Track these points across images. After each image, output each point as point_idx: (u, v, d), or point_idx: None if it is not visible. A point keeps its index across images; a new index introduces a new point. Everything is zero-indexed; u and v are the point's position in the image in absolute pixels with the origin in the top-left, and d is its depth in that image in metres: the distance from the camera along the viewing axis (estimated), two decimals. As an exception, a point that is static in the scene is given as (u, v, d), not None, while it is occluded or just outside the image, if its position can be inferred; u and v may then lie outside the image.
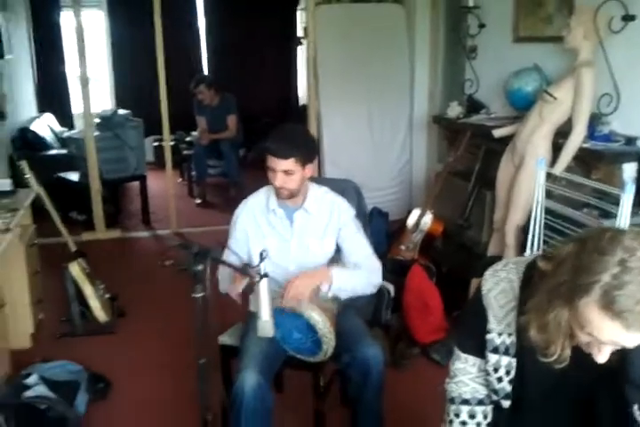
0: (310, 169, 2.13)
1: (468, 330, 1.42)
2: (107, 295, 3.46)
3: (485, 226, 3.80)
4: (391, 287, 3.27)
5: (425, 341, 3.08)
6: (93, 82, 7.04)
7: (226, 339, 2.32)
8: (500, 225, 3.36)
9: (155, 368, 2.96)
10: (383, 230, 4.22)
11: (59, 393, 2.46)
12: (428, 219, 3.81)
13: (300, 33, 7.26)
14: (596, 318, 1.05)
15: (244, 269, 1.78)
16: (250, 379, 1.90)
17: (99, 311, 3.33)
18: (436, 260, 3.70)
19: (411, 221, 3.88)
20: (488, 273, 1.35)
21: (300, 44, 7.14)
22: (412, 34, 4.78)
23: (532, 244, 2.84)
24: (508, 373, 1.35)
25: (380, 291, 3.22)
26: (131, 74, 7.25)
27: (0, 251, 2.37)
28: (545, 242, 2.81)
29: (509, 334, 1.32)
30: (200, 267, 1.59)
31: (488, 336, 1.34)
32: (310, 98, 4.91)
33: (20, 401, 2.36)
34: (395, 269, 3.49)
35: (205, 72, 7.43)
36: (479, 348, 1.37)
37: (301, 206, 2.19)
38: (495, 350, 1.35)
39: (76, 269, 3.27)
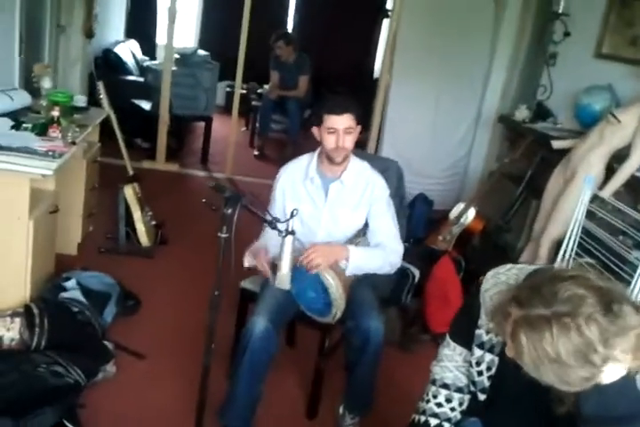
0: (358, 132, 2.24)
1: (462, 322, 1.53)
2: (153, 222, 3.68)
3: (524, 233, 3.84)
4: (417, 273, 3.40)
5: (437, 330, 3.14)
6: (182, 17, 7.22)
7: (247, 284, 2.50)
8: (538, 235, 3.38)
9: (184, 296, 3.17)
10: (424, 217, 4.30)
11: (90, 301, 2.69)
12: (470, 214, 3.87)
13: (389, 5, 7.23)
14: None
15: (272, 223, 1.92)
16: (260, 324, 2.07)
17: (142, 235, 3.57)
18: (469, 256, 3.76)
19: (454, 213, 3.96)
20: (490, 274, 1.43)
21: (388, 16, 7.11)
22: (497, 29, 4.71)
23: (562, 261, 2.87)
24: (488, 369, 1.45)
25: (406, 274, 3.36)
26: (218, 17, 7.37)
27: (63, 162, 2.53)
28: (575, 261, 2.84)
29: (497, 334, 1.40)
30: (229, 210, 1.73)
31: (477, 331, 1.44)
32: (383, 72, 4.95)
33: (56, 299, 2.61)
34: (426, 257, 3.59)
35: (289, 29, 7.51)
36: (468, 340, 1.48)
37: (339, 178, 2.29)
38: (481, 346, 1.45)
39: (129, 192, 3.50)
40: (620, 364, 1.13)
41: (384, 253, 2.25)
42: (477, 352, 1.46)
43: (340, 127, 2.16)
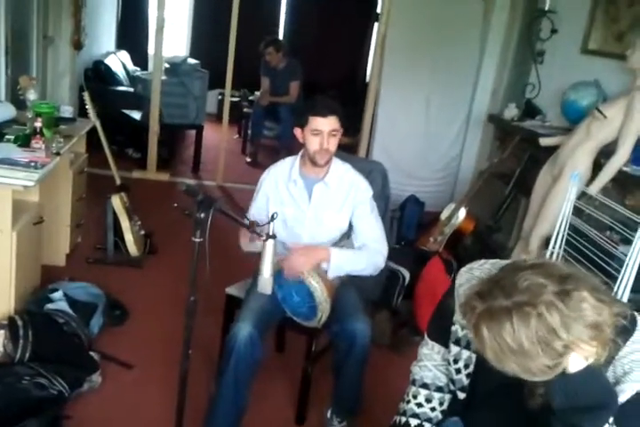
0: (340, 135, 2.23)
1: (438, 319, 1.50)
2: (142, 232, 3.66)
3: (514, 232, 3.82)
4: (407, 274, 3.37)
5: (429, 332, 3.16)
6: (172, 27, 7.24)
7: (233, 290, 2.48)
8: (527, 234, 3.37)
9: (172, 306, 3.12)
10: (415, 219, 4.29)
11: (77, 312, 2.67)
12: (461, 215, 3.86)
13: (380, 9, 7.24)
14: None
15: (252, 228, 1.90)
16: (244, 330, 2.05)
17: (131, 245, 3.54)
18: (461, 257, 3.75)
19: (445, 214, 3.94)
20: (464, 269, 1.43)
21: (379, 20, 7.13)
22: (486, 28, 4.73)
23: (550, 258, 2.85)
24: (466, 366, 1.43)
25: (395, 276, 3.34)
26: (208, 25, 7.40)
27: (45, 173, 2.52)
28: (564, 259, 2.82)
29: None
30: (202, 215, 1.71)
31: (453, 328, 1.42)
32: (372, 76, 4.95)
33: (41, 311, 2.59)
34: (417, 259, 3.57)
35: (281, 36, 7.52)
36: (445, 337, 1.46)
37: (322, 180, 2.28)
38: (457, 342, 1.43)
39: (116, 202, 3.48)
40: (583, 353, 1.12)
41: (367, 255, 2.23)
42: (454, 349, 1.44)
43: (325, 129, 2.16)
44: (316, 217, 2.29)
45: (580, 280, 1.13)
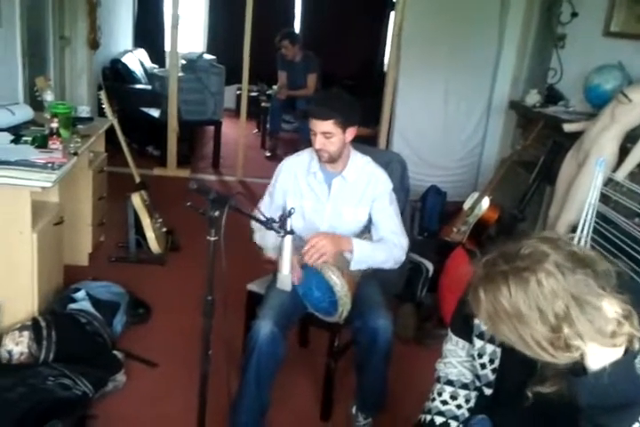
0: (351, 133, 2.16)
1: (461, 313, 1.45)
2: (163, 229, 3.66)
3: (540, 221, 3.75)
4: (431, 266, 3.32)
5: (455, 325, 3.11)
6: (189, 23, 7.24)
7: (254, 287, 2.46)
8: (553, 222, 3.30)
9: (195, 303, 3.10)
10: (437, 209, 4.23)
11: (99, 311, 2.67)
12: (484, 204, 3.79)
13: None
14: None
15: (269, 224, 1.86)
16: (265, 328, 2.02)
17: (153, 242, 3.54)
18: (486, 247, 3.68)
19: (467, 203, 3.88)
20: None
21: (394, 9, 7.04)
22: (504, 14, 4.62)
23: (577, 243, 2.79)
24: (491, 361, 1.39)
25: (419, 269, 3.30)
26: (224, 21, 7.38)
27: (63, 173, 2.52)
28: (591, 247, 2.76)
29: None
30: (216, 213, 1.67)
31: (476, 321, 1.38)
32: (390, 66, 4.88)
33: (64, 311, 2.60)
34: (440, 250, 3.51)
35: (297, 29, 7.47)
36: (468, 332, 1.42)
37: (340, 173, 2.24)
38: (480, 336, 1.39)
39: (136, 200, 3.48)
40: (588, 343, 1.09)
41: (387, 248, 2.19)
42: (478, 343, 1.41)
43: (317, 130, 2.11)
44: (334, 210, 2.26)
45: (591, 263, 1.10)
